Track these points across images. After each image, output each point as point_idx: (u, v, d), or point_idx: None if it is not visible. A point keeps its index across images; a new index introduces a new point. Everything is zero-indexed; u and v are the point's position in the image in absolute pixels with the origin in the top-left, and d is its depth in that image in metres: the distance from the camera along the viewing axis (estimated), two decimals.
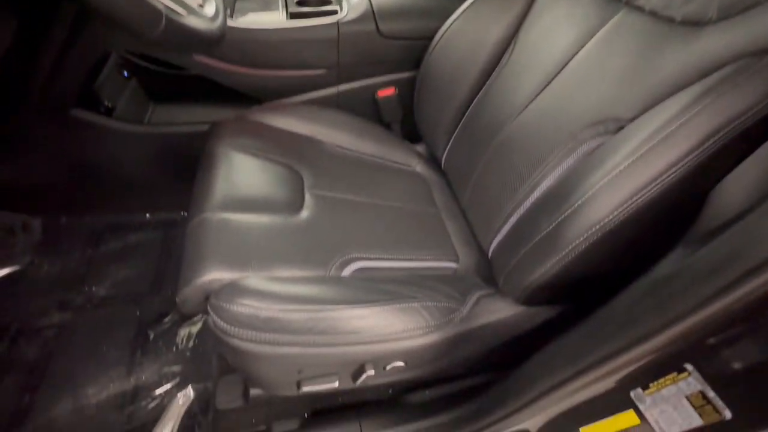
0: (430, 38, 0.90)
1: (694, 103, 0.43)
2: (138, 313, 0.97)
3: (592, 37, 0.62)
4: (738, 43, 0.44)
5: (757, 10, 0.44)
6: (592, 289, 0.56)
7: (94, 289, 1.00)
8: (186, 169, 0.81)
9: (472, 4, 0.84)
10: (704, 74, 0.46)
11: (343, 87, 1.02)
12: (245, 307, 0.52)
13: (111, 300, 0.99)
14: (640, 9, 0.57)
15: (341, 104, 1.02)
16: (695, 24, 0.49)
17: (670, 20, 0.52)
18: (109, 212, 1.15)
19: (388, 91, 1.03)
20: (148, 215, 1.17)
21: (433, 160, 0.96)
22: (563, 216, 0.50)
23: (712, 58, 0.46)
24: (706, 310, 0.35)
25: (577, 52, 0.64)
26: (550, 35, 0.69)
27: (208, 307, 0.54)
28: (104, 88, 0.97)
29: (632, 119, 0.51)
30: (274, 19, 0.97)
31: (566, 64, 0.65)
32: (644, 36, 0.55)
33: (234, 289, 0.54)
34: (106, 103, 0.97)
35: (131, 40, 0.85)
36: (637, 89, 0.52)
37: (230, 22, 0.88)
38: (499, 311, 0.63)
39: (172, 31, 0.58)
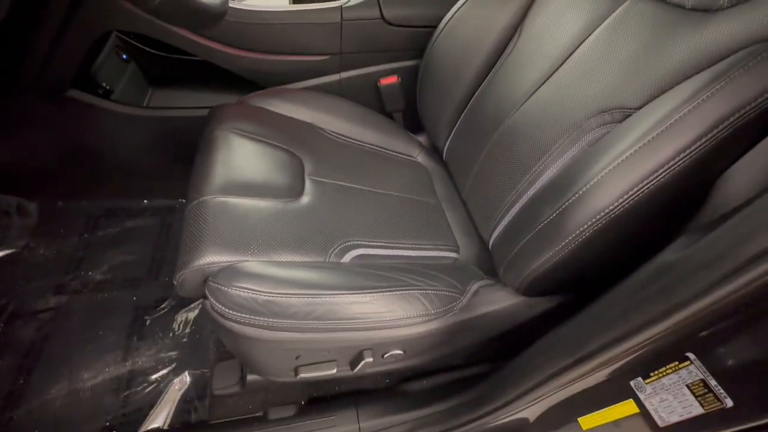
0: (435, 26, 0.88)
1: (703, 88, 0.42)
2: (134, 299, 0.96)
3: (599, 26, 0.61)
4: (749, 29, 0.43)
5: None
6: (591, 281, 0.55)
7: (90, 273, 1.00)
8: (184, 154, 0.80)
9: None
10: (714, 61, 0.45)
11: (345, 74, 1.00)
12: (243, 290, 0.52)
13: (107, 284, 0.98)
14: None
15: (343, 92, 1.01)
16: (706, 10, 0.48)
17: (680, 7, 0.52)
18: (107, 197, 1.14)
19: (391, 80, 1.01)
20: (145, 201, 1.16)
21: (434, 151, 0.95)
22: (567, 203, 0.50)
23: (722, 45, 0.45)
24: (710, 296, 0.34)
25: (583, 41, 0.63)
26: (556, 23, 0.68)
27: (206, 290, 0.53)
28: (102, 70, 0.96)
29: (639, 108, 0.50)
30: (277, 1, 0.96)
31: (572, 52, 0.64)
32: (653, 24, 0.54)
33: (232, 272, 0.54)
34: (104, 85, 0.95)
35: (128, 17, 0.84)
36: (645, 77, 0.51)
37: (232, 3, 0.87)
38: (499, 301, 0.63)
39: (171, 1, 0.57)
